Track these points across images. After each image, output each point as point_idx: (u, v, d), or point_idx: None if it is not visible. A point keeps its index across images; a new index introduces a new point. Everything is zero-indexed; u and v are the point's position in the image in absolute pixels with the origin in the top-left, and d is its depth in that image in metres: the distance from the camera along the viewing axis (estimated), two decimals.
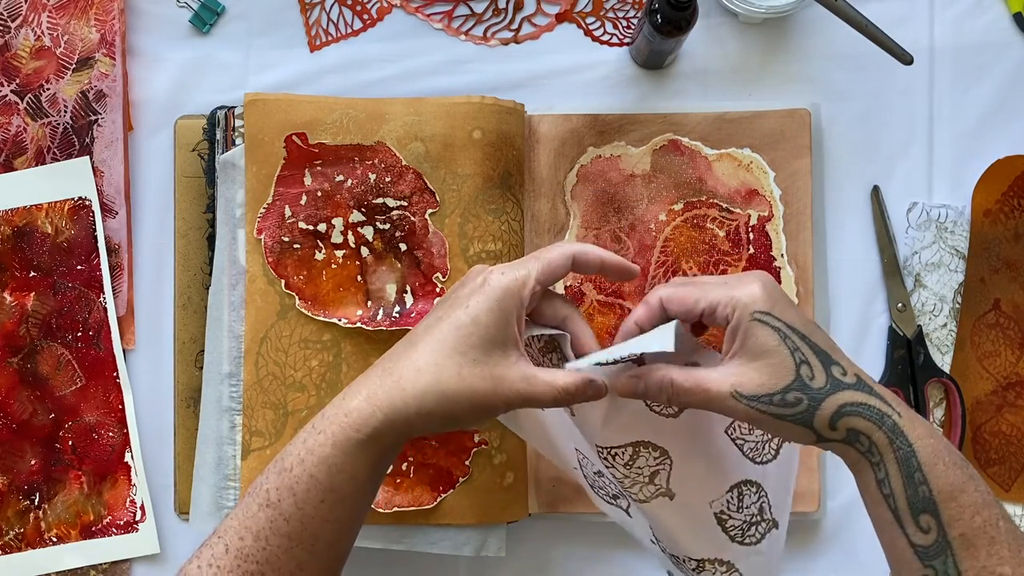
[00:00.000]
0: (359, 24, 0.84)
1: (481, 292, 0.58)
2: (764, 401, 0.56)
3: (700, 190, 0.81)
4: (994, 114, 0.83)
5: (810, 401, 0.56)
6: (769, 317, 0.57)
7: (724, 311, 0.58)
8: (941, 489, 0.55)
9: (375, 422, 0.56)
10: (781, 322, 0.57)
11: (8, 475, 0.81)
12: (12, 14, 0.82)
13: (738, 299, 0.57)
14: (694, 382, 0.58)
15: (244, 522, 0.58)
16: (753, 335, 0.57)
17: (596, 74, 0.84)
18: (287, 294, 0.77)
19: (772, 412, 0.56)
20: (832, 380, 0.57)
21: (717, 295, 0.58)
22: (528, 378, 0.58)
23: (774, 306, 0.57)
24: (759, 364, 0.57)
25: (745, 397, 0.56)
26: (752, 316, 0.57)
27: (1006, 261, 0.82)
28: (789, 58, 0.83)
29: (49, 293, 0.81)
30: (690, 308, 0.59)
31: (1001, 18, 0.84)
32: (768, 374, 0.57)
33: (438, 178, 0.78)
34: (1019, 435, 0.81)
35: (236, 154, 0.78)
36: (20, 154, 0.82)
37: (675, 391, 0.58)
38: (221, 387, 0.78)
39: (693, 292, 0.59)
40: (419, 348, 0.58)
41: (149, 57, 0.83)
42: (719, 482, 0.67)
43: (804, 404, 0.56)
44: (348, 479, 0.57)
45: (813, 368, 0.57)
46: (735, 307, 0.57)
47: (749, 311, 0.57)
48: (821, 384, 0.56)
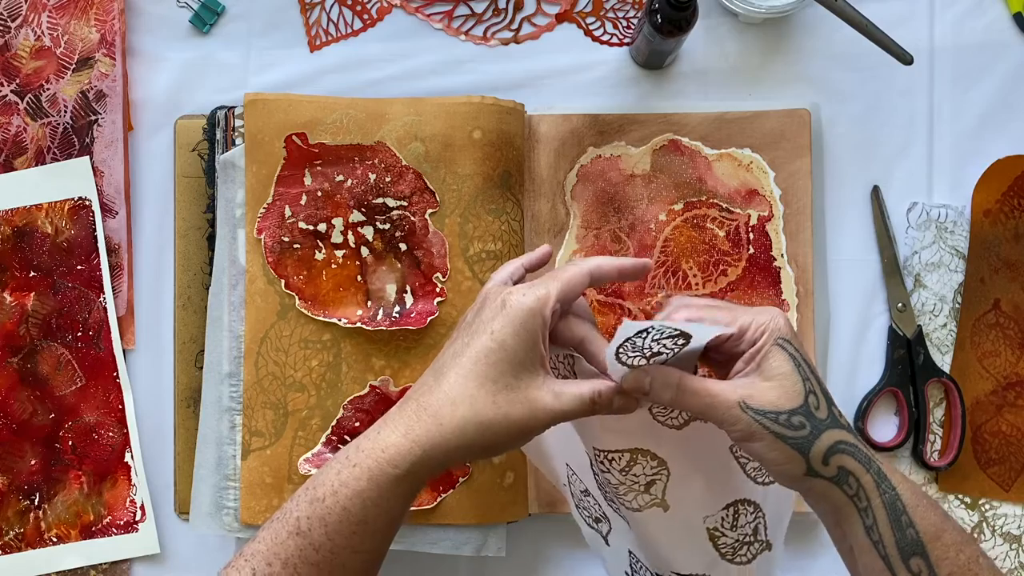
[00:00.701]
0: (359, 24, 0.84)
1: (504, 315, 0.58)
2: (770, 417, 0.57)
3: (700, 190, 0.81)
4: (994, 114, 0.83)
5: (812, 429, 0.57)
6: (790, 345, 0.58)
7: (753, 334, 0.59)
8: (926, 530, 0.56)
9: (413, 457, 0.57)
10: (799, 353, 0.58)
11: (8, 475, 0.81)
12: (12, 14, 0.82)
13: (766, 324, 0.59)
14: (702, 386, 0.58)
15: (273, 548, 0.58)
16: (772, 357, 0.58)
17: (596, 74, 0.84)
18: (287, 294, 0.77)
19: (774, 430, 0.57)
20: (832, 417, 0.58)
21: (746, 319, 0.59)
22: (558, 395, 0.58)
23: (794, 339, 0.59)
24: (772, 384, 0.57)
25: (752, 409, 0.57)
26: (776, 341, 0.58)
27: (1006, 261, 0.82)
28: (789, 58, 0.83)
29: (49, 293, 0.81)
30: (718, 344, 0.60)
31: (1001, 18, 0.84)
32: (779, 394, 0.57)
33: (438, 178, 0.78)
34: (1019, 435, 0.81)
35: (236, 154, 0.78)
36: (20, 154, 0.82)
37: (681, 391, 0.58)
38: (221, 387, 0.78)
39: (725, 316, 0.60)
40: (450, 379, 0.58)
41: (149, 57, 0.83)
42: (716, 498, 0.67)
43: (807, 430, 0.57)
44: (382, 512, 0.57)
45: (819, 400, 0.57)
46: (764, 331, 0.58)
47: (774, 336, 0.58)
48: (823, 416, 0.57)
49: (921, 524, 0.56)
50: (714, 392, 0.58)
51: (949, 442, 0.81)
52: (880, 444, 0.81)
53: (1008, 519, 0.81)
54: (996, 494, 0.81)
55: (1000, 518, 0.81)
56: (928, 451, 0.81)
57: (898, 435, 0.81)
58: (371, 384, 0.77)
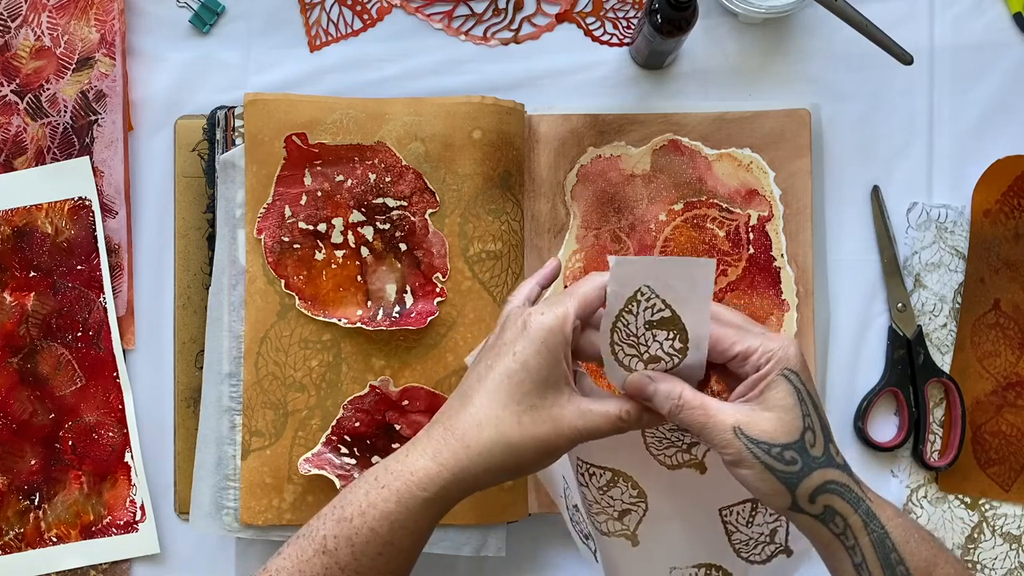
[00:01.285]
0: (359, 24, 0.84)
1: (525, 336, 0.58)
2: (763, 447, 0.57)
3: (700, 190, 0.81)
4: (994, 114, 0.83)
5: (803, 465, 0.57)
6: (796, 377, 0.58)
7: (758, 360, 0.58)
8: (917, 567, 0.57)
9: (442, 480, 0.57)
10: (804, 387, 0.58)
11: (8, 475, 0.81)
12: (12, 14, 0.82)
13: (775, 352, 0.58)
14: (701, 403, 0.58)
15: (299, 565, 0.58)
16: (775, 387, 0.58)
17: (596, 74, 0.84)
18: (287, 294, 0.77)
19: (765, 461, 0.57)
20: (827, 455, 0.58)
21: (754, 343, 0.59)
22: (584, 413, 0.58)
23: (803, 370, 0.58)
24: (771, 415, 0.57)
25: (746, 436, 0.57)
26: (781, 371, 0.58)
27: (1006, 261, 0.82)
28: (789, 58, 0.83)
29: (49, 293, 0.81)
30: (725, 349, 0.59)
31: (1001, 18, 0.84)
32: (777, 426, 0.57)
33: (438, 178, 0.78)
34: (1019, 435, 0.81)
35: (236, 154, 0.78)
36: (20, 154, 0.82)
37: (681, 404, 0.58)
38: (221, 387, 0.78)
39: (732, 335, 0.59)
40: (475, 402, 0.58)
41: (149, 57, 0.83)
42: (689, 553, 0.66)
43: (797, 466, 0.57)
44: (408, 534, 0.58)
45: (816, 438, 0.58)
46: (771, 358, 0.58)
47: (781, 366, 0.58)
48: (818, 454, 0.57)
49: (912, 560, 0.57)
50: (712, 411, 0.58)
51: (949, 442, 0.81)
52: (880, 444, 0.81)
53: (1008, 519, 0.81)
54: (996, 494, 0.81)
55: (1000, 518, 0.81)
56: (928, 451, 0.81)
57: (898, 435, 0.81)
58: (371, 384, 0.77)
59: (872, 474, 0.82)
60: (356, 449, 0.77)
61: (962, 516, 0.81)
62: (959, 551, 0.81)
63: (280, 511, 0.76)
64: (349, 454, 0.76)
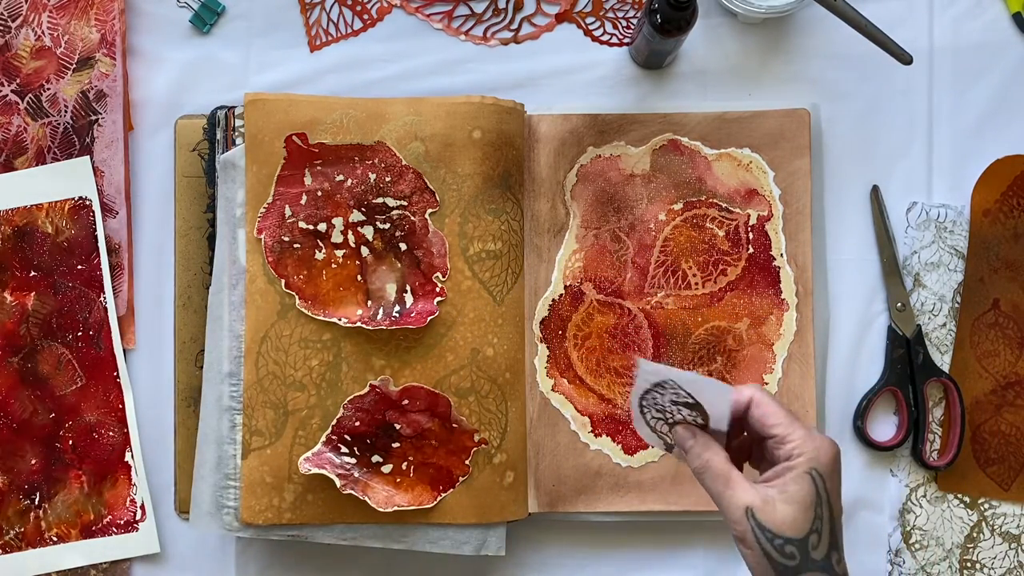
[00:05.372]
0: (359, 24, 0.84)
1: None
2: (767, 535, 0.59)
3: (700, 190, 0.81)
4: (994, 114, 0.83)
5: (800, 563, 0.59)
6: (821, 481, 0.60)
7: (792, 449, 0.61)
8: None
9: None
10: (827, 492, 0.60)
11: (8, 475, 0.81)
12: (12, 14, 0.82)
13: (809, 449, 0.61)
14: (726, 474, 0.62)
15: None
16: (799, 482, 0.60)
17: (596, 74, 0.84)
18: (287, 294, 0.77)
19: (765, 547, 0.59)
20: (827, 561, 0.60)
21: (796, 433, 0.61)
22: None
23: (831, 476, 0.61)
24: (786, 507, 0.59)
25: (755, 520, 0.60)
26: (810, 469, 0.60)
27: (1005, 261, 0.82)
28: (789, 58, 0.83)
29: (49, 293, 0.81)
30: (770, 425, 0.62)
31: (1000, 18, 0.84)
32: (786, 518, 0.59)
33: (438, 178, 0.78)
34: (1018, 435, 0.82)
35: (236, 154, 0.78)
36: (20, 154, 0.82)
37: (707, 466, 0.62)
38: (221, 386, 0.78)
39: (781, 416, 0.62)
40: None
41: (149, 57, 0.83)
42: None
43: (795, 562, 0.59)
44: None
45: (821, 541, 0.60)
46: (803, 452, 0.60)
47: (812, 464, 0.60)
48: (818, 558, 0.59)
49: None
50: (732, 485, 0.61)
51: (948, 441, 0.81)
52: (879, 443, 0.81)
53: (1007, 518, 0.81)
54: (995, 493, 0.81)
55: (999, 517, 0.81)
56: (927, 450, 0.81)
57: (897, 434, 0.82)
58: (371, 384, 0.77)
59: (872, 473, 0.82)
60: (356, 448, 0.77)
61: (961, 515, 0.81)
62: (958, 551, 0.81)
63: (280, 510, 0.76)
64: (349, 453, 0.76)
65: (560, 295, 0.81)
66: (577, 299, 0.81)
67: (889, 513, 0.82)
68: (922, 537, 0.81)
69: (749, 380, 0.80)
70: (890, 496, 0.82)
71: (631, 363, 0.80)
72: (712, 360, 0.80)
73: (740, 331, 0.80)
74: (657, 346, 0.80)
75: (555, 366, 0.80)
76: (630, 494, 0.79)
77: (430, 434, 0.77)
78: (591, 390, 0.80)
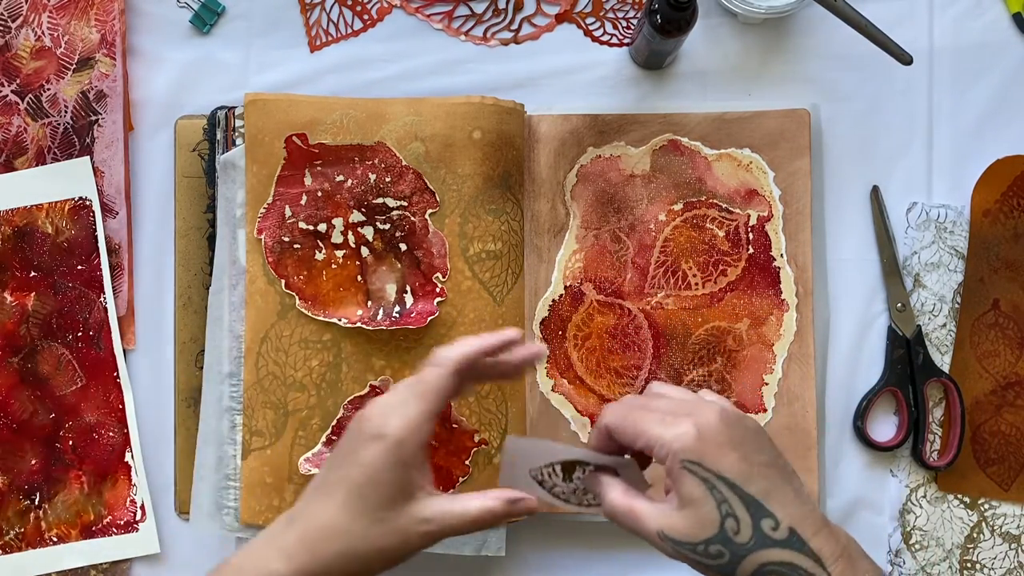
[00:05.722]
0: (359, 24, 0.84)
1: (373, 447, 0.58)
2: (687, 548, 0.56)
3: (700, 190, 0.81)
4: (994, 114, 0.83)
5: (731, 556, 0.55)
6: (696, 467, 0.56)
7: (660, 452, 0.57)
8: None
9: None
10: (710, 472, 0.56)
11: (8, 475, 0.81)
12: (12, 14, 0.82)
13: (669, 443, 0.57)
14: (629, 508, 0.59)
15: None
16: (682, 482, 0.56)
17: (596, 74, 0.84)
18: (287, 294, 0.77)
19: (694, 559, 0.56)
20: (759, 536, 0.55)
21: (654, 434, 0.57)
22: (432, 519, 0.59)
23: (705, 453, 0.56)
24: (686, 512, 0.56)
25: (671, 540, 0.57)
26: (681, 464, 0.56)
27: (1005, 261, 0.82)
28: (789, 58, 0.83)
29: (49, 293, 0.81)
30: (630, 443, 0.59)
31: (1001, 18, 0.84)
32: (692, 523, 0.56)
33: (438, 178, 0.78)
34: (1018, 435, 0.82)
35: (236, 154, 0.78)
36: (20, 154, 0.82)
37: (612, 510, 0.59)
38: (221, 387, 0.78)
39: (632, 428, 0.58)
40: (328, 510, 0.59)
41: (149, 57, 0.83)
42: None
43: (726, 558, 0.55)
44: None
45: (740, 522, 0.55)
46: (667, 451, 0.57)
47: (679, 458, 0.56)
48: (745, 540, 0.55)
49: None
50: (640, 516, 0.58)
51: (948, 442, 0.81)
52: (879, 444, 0.81)
53: (1007, 519, 0.81)
54: (995, 494, 0.81)
55: (999, 518, 0.81)
56: (927, 451, 0.81)
57: (897, 435, 0.82)
58: (371, 384, 0.77)
59: (871, 474, 0.82)
60: None
61: (961, 516, 0.81)
62: (958, 551, 0.81)
63: (280, 511, 0.76)
64: None
65: (560, 295, 0.81)
66: (577, 299, 0.81)
67: (889, 513, 0.82)
68: (922, 537, 0.81)
69: (749, 380, 0.80)
70: (890, 496, 0.82)
71: (632, 363, 0.80)
72: (712, 360, 0.80)
73: (740, 331, 0.80)
74: (657, 347, 0.80)
75: (555, 366, 0.80)
76: None
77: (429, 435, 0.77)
78: (591, 390, 0.80)
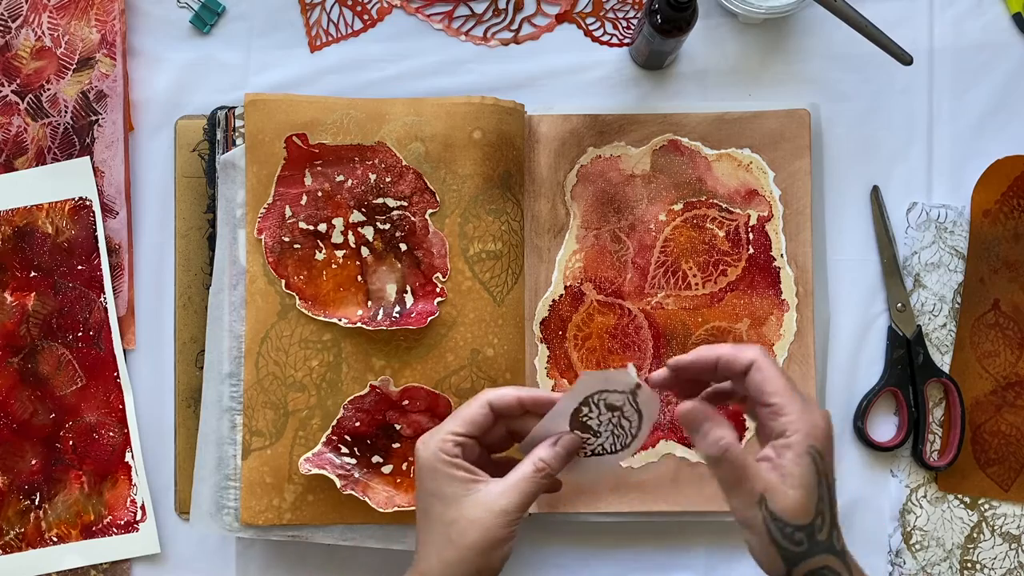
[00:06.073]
0: (359, 24, 0.84)
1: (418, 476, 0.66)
2: (779, 524, 0.58)
3: (700, 190, 0.81)
4: (994, 114, 0.83)
5: (808, 548, 0.58)
6: (820, 460, 0.59)
7: (788, 423, 0.59)
8: None
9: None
10: (825, 471, 0.59)
11: (8, 475, 0.81)
12: (13, 14, 0.82)
13: (806, 425, 0.59)
14: (744, 463, 0.59)
15: None
16: (801, 464, 0.58)
17: (596, 74, 0.84)
18: (287, 294, 0.77)
19: (775, 536, 0.58)
20: (830, 541, 0.59)
21: (794, 406, 0.59)
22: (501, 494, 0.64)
23: (827, 451, 0.60)
24: (795, 493, 0.58)
25: (767, 508, 0.58)
26: (809, 448, 0.59)
27: (1005, 261, 0.82)
28: (789, 58, 0.83)
29: (50, 293, 0.81)
30: (768, 391, 0.60)
31: (1001, 18, 0.84)
32: (797, 505, 0.58)
33: (438, 178, 0.78)
34: (1018, 435, 0.82)
35: (236, 154, 0.78)
36: (21, 154, 0.82)
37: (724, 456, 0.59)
38: (221, 387, 0.78)
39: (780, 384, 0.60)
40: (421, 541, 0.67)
41: (150, 57, 0.84)
42: None
43: (803, 548, 0.58)
44: None
45: (825, 523, 0.59)
46: (800, 429, 0.59)
47: (810, 441, 0.59)
48: (822, 539, 0.59)
49: None
50: (750, 473, 0.59)
51: (948, 442, 0.81)
52: (880, 444, 0.81)
53: (1007, 519, 0.81)
54: (995, 494, 0.81)
55: (999, 518, 0.81)
56: (928, 451, 0.81)
57: (898, 435, 0.82)
58: (371, 384, 0.77)
59: (872, 474, 0.82)
60: (356, 449, 0.77)
61: (961, 516, 0.81)
62: (959, 551, 0.81)
63: (280, 511, 0.76)
64: (349, 454, 0.76)
65: (560, 295, 0.81)
66: (577, 299, 0.81)
67: (889, 513, 0.82)
68: (922, 538, 0.81)
69: None
70: (890, 496, 0.82)
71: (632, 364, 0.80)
72: None
73: (740, 331, 0.80)
74: (657, 347, 0.80)
75: (555, 366, 0.80)
76: (631, 494, 0.79)
77: None
78: None
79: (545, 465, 0.64)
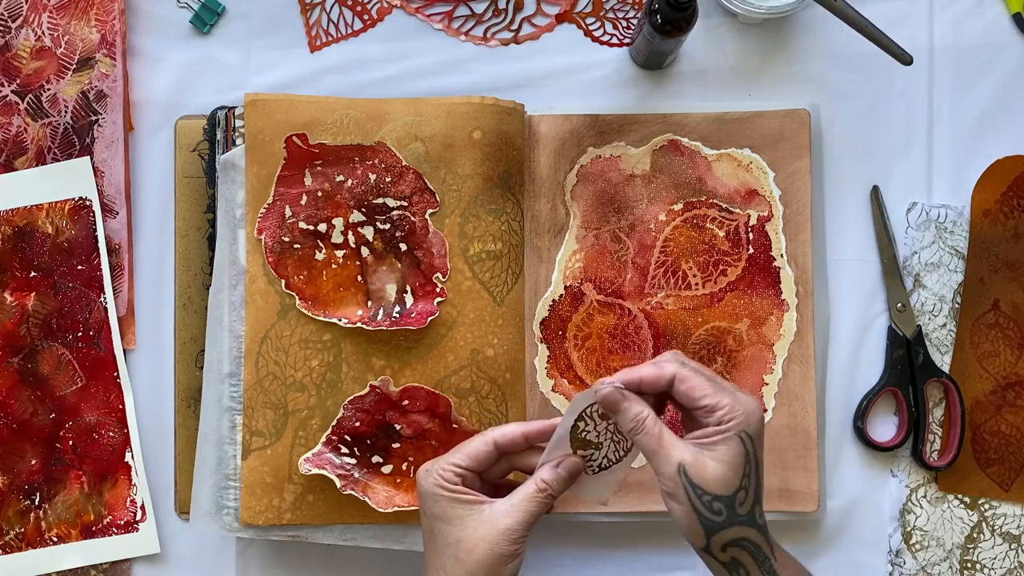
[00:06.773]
0: (359, 24, 0.84)
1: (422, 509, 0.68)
2: (697, 492, 0.62)
3: (700, 190, 0.81)
4: (994, 114, 0.83)
5: (726, 519, 0.62)
6: (751, 443, 0.63)
7: (723, 415, 0.63)
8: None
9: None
10: (754, 452, 0.63)
11: (9, 475, 0.81)
12: (13, 14, 0.82)
13: (739, 414, 0.63)
14: (659, 433, 0.64)
15: None
16: (729, 444, 0.63)
17: (596, 74, 0.84)
18: (287, 294, 0.77)
19: (695, 504, 0.62)
20: (751, 515, 0.63)
21: (724, 400, 0.63)
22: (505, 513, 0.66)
23: (758, 437, 0.64)
24: (716, 466, 0.62)
25: (687, 477, 0.62)
26: (739, 432, 0.63)
27: (1005, 261, 0.82)
28: (789, 58, 0.83)
29: (50, 293, 0.81)
30: (697, 398, 0.64)
31: (1001, 18, 0.84)
32: (717, 477, 0.62)
33: (438, 178, 0.78)
34: (1018, 435, 0.82)
35: (236, 154, 0.78)
36: (21, 154, 0.82)
37: (642, 427, 0.64)
38: (221, 387, 0.78)
39: (707, 387, 0.64)
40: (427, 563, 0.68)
41: (149, 57, 0.84)
42: None
43: (721, 518, 0.62)
44: None
45: (747, 498, 0.63)
46: (734, 417, 0.63)
47: (741, 427, 0.63)
48: (743, 513, 0.63)
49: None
50: (665, 443, 0.63)
51: (948, 442, 0.81)
52: (880, 444, 0.81)
53: (1007, 519, 0.81)
54: (995, 494, 0.81)
55: (999, 518, 0.81)
56: (927, 451, 0.81)
57: (897, 435, 0.82)
58: (371, 384, 0.77)
59: (872, 474, 0.82)
60: (356, 449, 0.77)
61: (961, 516, 0.81)
62: (959, 551, 0.81)
63: (280, 511, 0.76)
64: (349, 454, 0.76)
65: (560, 295, 0.81)
66: (577, 299, 0.81)
67: (889, 513, 0.82)
68: (922, 537, 0.81)
69: (749, 380, 0.80)
70: (890, 496, 0.82)
71: (632, 364, 0.80)
72: (712, 360, 0.80)
73: (740, 331, 0.80)
74: (657, 347, 0.80)
75: (555, 366, 0.80)
76: (630, 494, 0.79)
77: (430, 434, 0.77)
78: None
79: (547, 486, 0.67)
